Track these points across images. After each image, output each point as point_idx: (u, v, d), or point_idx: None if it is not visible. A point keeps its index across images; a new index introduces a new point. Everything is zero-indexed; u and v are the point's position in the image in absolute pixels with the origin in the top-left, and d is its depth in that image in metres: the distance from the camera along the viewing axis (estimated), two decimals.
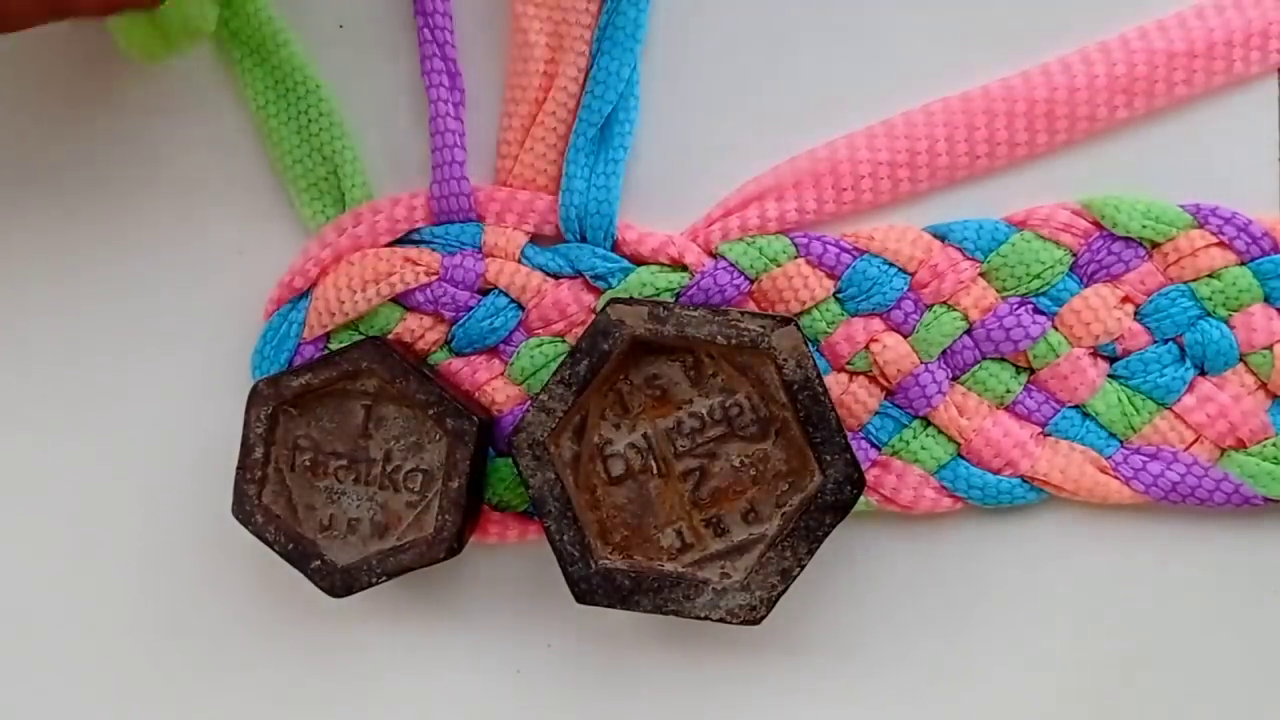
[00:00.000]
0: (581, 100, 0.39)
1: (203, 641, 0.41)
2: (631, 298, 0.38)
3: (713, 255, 0.40)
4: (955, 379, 0.40)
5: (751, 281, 0.39)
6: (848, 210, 0.40)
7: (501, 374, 0.40)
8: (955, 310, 0.39)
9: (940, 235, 0.39)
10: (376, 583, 0.37)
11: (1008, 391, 0.39)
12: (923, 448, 0.39)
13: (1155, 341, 0.39)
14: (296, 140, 0.40)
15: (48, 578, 0.41)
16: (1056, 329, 0.39)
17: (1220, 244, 0.39)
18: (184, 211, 0.41)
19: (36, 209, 0.41)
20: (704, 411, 0.36)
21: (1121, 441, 0.39)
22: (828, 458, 0.36)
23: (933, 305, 0.39)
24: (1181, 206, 0.39)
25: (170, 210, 0.41)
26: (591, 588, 0.36)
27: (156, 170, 0.41)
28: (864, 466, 0.39)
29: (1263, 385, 0.39)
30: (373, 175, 0.41)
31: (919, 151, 0.39)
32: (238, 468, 0.38)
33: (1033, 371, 0.39)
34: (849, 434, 0.38)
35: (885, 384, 0.39)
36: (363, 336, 0.40)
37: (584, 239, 0.40)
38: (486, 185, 0.40)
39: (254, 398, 0.38)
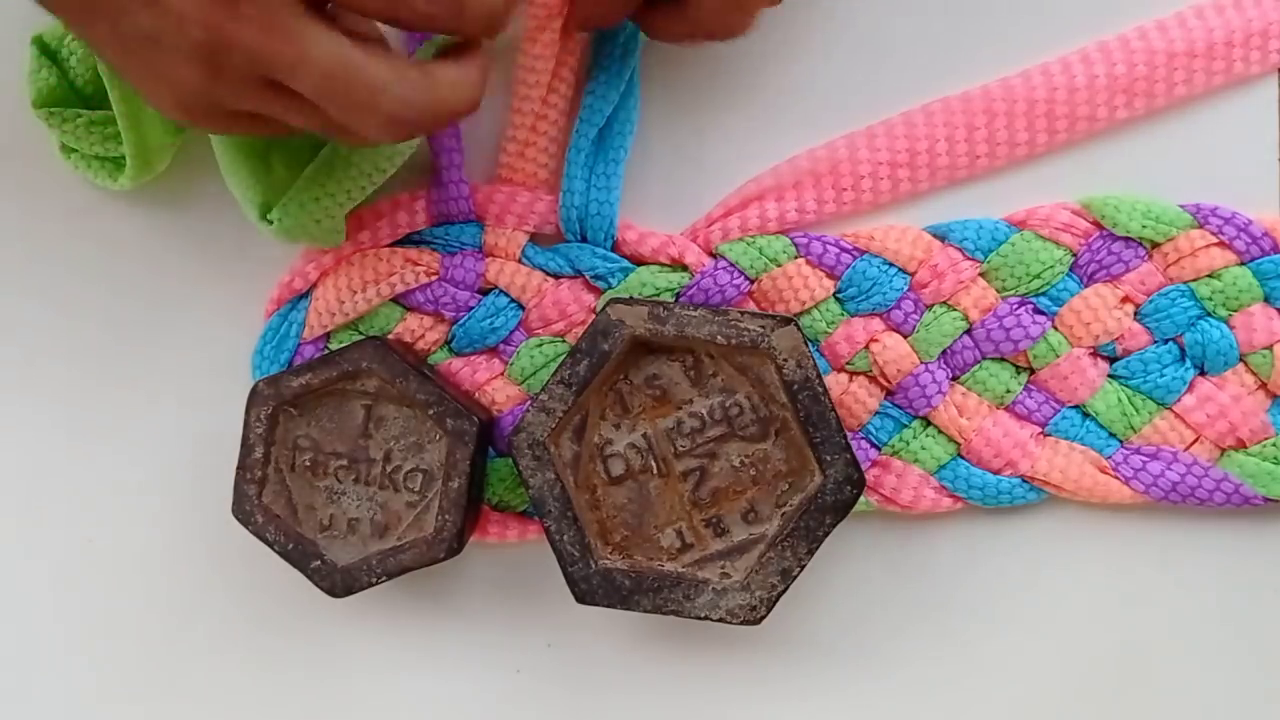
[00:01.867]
0: (582, 100, 0.39)
1: (203, 641, 0.41)
2: (631, 298, 0.38)
3: (713, 255, 0.40)
4: (955, 379, 0.40)
5: (751, 281, 0.39)
6: (848, 210, 0.40)
7: (501, 374, 0.40)
8: (955, 310, 0.39)
9: (940, 235, 0.39)
10: (376, 583, 0.37)
11: (1008, 391, 0.39)
12: (923, 448, 0.39)
13: (1155, 341, 0.39)
14: None
15: (48, 577, 0.41)
16: (1056, 329, 0.39)
17: (1220, 244, 0.39)
18: (184, 212, 0.41)
19: (37, 210, 0.41)
20: (704, 411, 0.36)
21: (1121, 441, 0.39)
22: (828, 458, 0.36)
23: (933, 305, 0.39)
24: (1181, 206, 0.39)
25: (171, 211, 0.41)
26: (591, 588, 0.36)
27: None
28: (864, 466, 0.39)
29: (1263, 385, 0.39)
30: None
31: (919, 151, 0.39)
32: (238, 468, 0.38)
33: (1033, 371, 0.39)
34: (849, 434, 0.38)
35: (885, 384, 0.39)
36: (363, 336, 0.40)
37: (584, 239, 0.40)
38: (486, 185, 0.40)
39: (254, 398, 0.38)
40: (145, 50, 0.31)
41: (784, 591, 0.36)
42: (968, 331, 0.39)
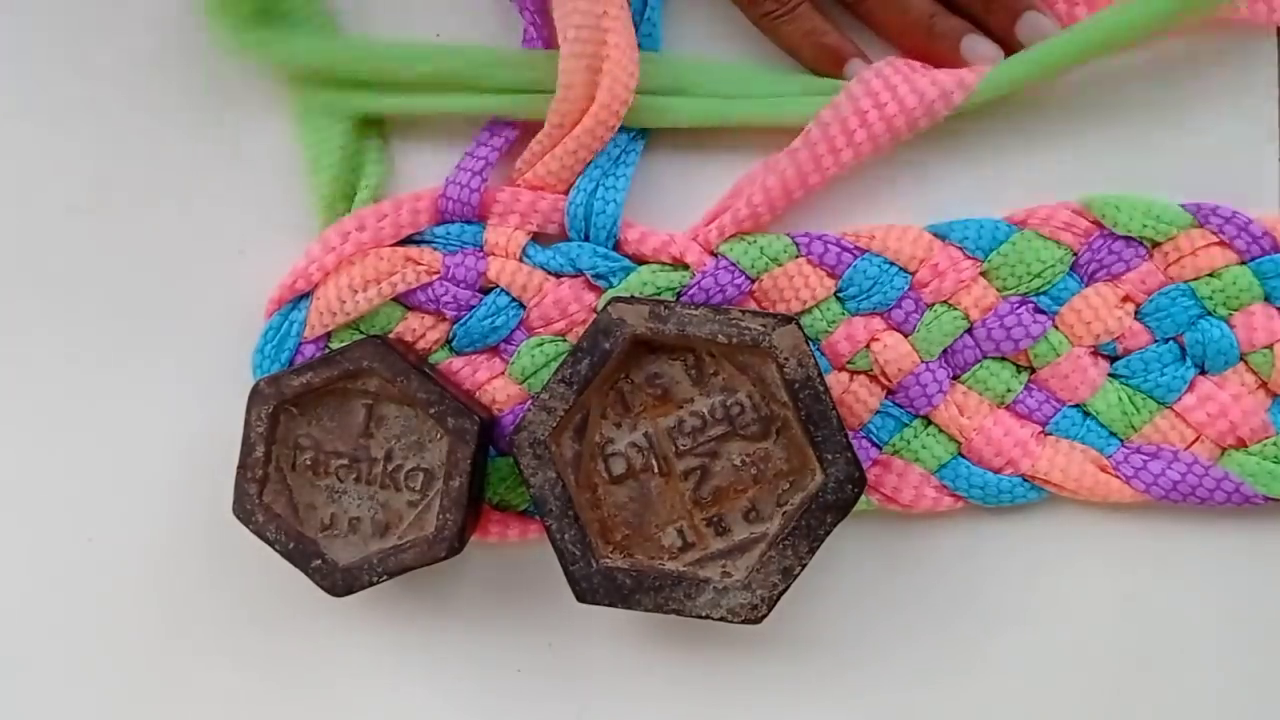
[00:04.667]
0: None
1: (203, 641, 0.41)
2: (633, 296, 0.38)
3: (714, 254, 0.40)
4: (956, 378, 0.40)
5: (752, 281, 0.39)
6: (831, 174, 0.39)
7: (502, 373, 0.40)
8: (956, 309, 0.39)
9: (941, 235, 0.39)
10: (377, 582, 0.37)
11: (1008, 390, 0.39)
12: (923, 447, 0.39)
13: (1156, 340, 0.39)
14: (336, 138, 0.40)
15: (49, 577, 0.41)
16: (1057, 328, 0.39)
17: (1220, 243, 0.39)
18: (185, 212, 0.41)
19: (38, 209, 0.41)
20: (705, 410, 0.36)
21: (1122, 441, 0.39)
22: (829, 456, 0.36)
23: (933, 304, 0.39)
24: (1181, 206, 0.39)
25: (171, 210, 0.41)
26: (592, 587, 0.36)
27: (157, 172, 0.41)
28: (865, 465, 0.39)
29: (1263, 384, 0.39)
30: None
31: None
32: (238, 467, 0.38)
33: (1033, 370, 0.39)
34: (850, 433, 0.38)
35: (886, 383, 0.39)
36: (364, 335, 0.40)
37: (587, 238, 0.40)
38: (491, 186, 0.40)
39: (255, 397, 0.37)
40: None
41: (785, 590, 0.36)
42: (968, 331, 0.39)
